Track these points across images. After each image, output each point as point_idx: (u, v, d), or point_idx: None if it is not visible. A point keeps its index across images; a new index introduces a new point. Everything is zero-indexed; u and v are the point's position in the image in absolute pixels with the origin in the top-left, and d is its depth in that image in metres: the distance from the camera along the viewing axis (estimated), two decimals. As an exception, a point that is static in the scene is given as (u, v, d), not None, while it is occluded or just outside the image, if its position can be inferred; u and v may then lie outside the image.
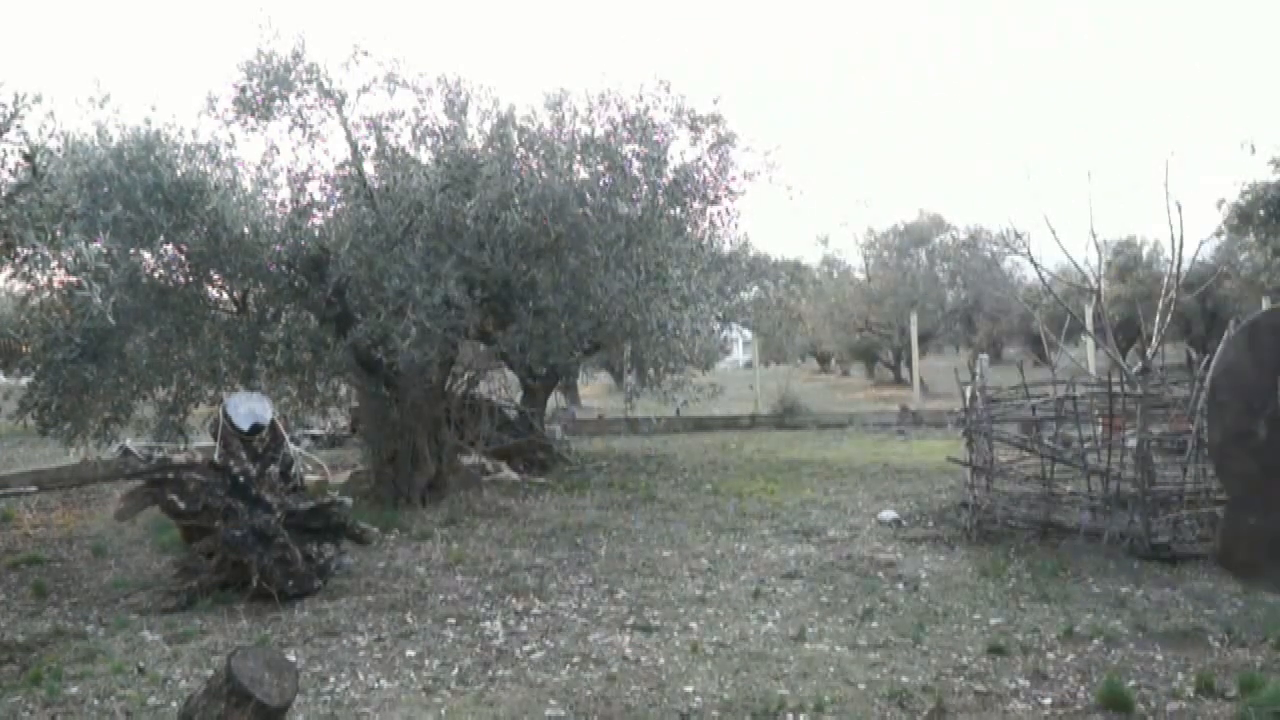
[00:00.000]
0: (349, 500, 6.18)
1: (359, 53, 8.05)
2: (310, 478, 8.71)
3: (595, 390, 26.71)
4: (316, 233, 7.98)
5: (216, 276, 8.11)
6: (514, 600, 5.33)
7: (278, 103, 7.91)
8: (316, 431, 12.81)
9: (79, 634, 4.93)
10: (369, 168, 8.16)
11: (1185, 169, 28.06)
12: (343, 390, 9.63)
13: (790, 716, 3.61)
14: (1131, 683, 3.80)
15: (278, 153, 8.10)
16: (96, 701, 3.93)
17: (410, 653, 4.46)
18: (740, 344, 30.15)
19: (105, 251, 5.92)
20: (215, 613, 5.22)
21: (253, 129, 8.02)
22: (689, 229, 9.30)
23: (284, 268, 7.91)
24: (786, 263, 25.57)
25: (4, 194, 5.06)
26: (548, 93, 8.59)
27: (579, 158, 8.12)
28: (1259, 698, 3.53)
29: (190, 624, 5.00)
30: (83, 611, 5.39)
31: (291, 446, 6.51)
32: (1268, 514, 5.28)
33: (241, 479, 5.70)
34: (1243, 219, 17.04)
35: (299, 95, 7.97)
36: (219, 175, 7.59)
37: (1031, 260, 8.35)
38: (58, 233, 5.18)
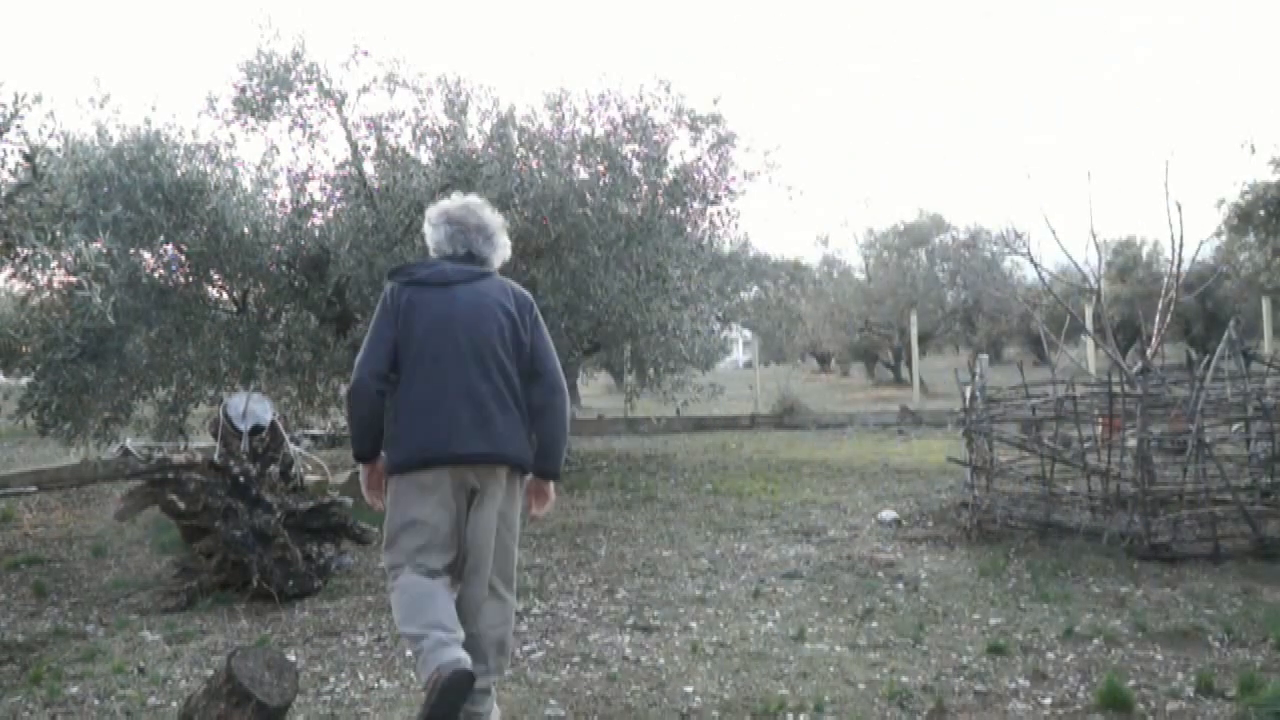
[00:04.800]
0: (349, 500, 6.17)
1: (359, 53, 8.08)
2: (310, 478, 8.69)
3: (595, 390, 26.72)
4: (316, 233, 7.99)
5: (216, 276, 8.12)
6: (514, 600, 5.33)
7: (278, 103, 7.93)
8: (316, 431, 12.80)
9: (79, 634, 4.93)
10: (369, 168, 8.18)
11: (1185, 169, 28.05)
12: (343, 390, 9.64)
13: (790, 716, 3.61)
14: (1131, 683, 3.80)
15: (278, 153, 8.13)
16: (97, 701, 3.93)
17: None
18: (740, 344, 30.20)
19: (105, 251, 5.92)
20: (215, 613, 5.22)
21: (253, 129, 8.04)
22: (689, 229, 9.31)
23: (284, 268, 7.92)
24: (786, 263, 25.69)
25: (4, 194, 5.06)
26: (548, 93, 8.62)
27: (579, 158, 8.14)
28: (1259, 698, 3.52)
29: (190, 624, 5.00)
30: (83, 611, 5.39)
31: (291, 446, 6.50)
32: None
33: (241, 479, 5.70)
34: (1243, 219, 17.06)
35: (299, 95, 7.99)
36: (219, 175, 7.61)
37: (1031, 260, 8.35)
38: (58, 233, 5.18)
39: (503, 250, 3.27)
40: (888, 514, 7.54)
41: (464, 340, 3.01)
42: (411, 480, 3.00)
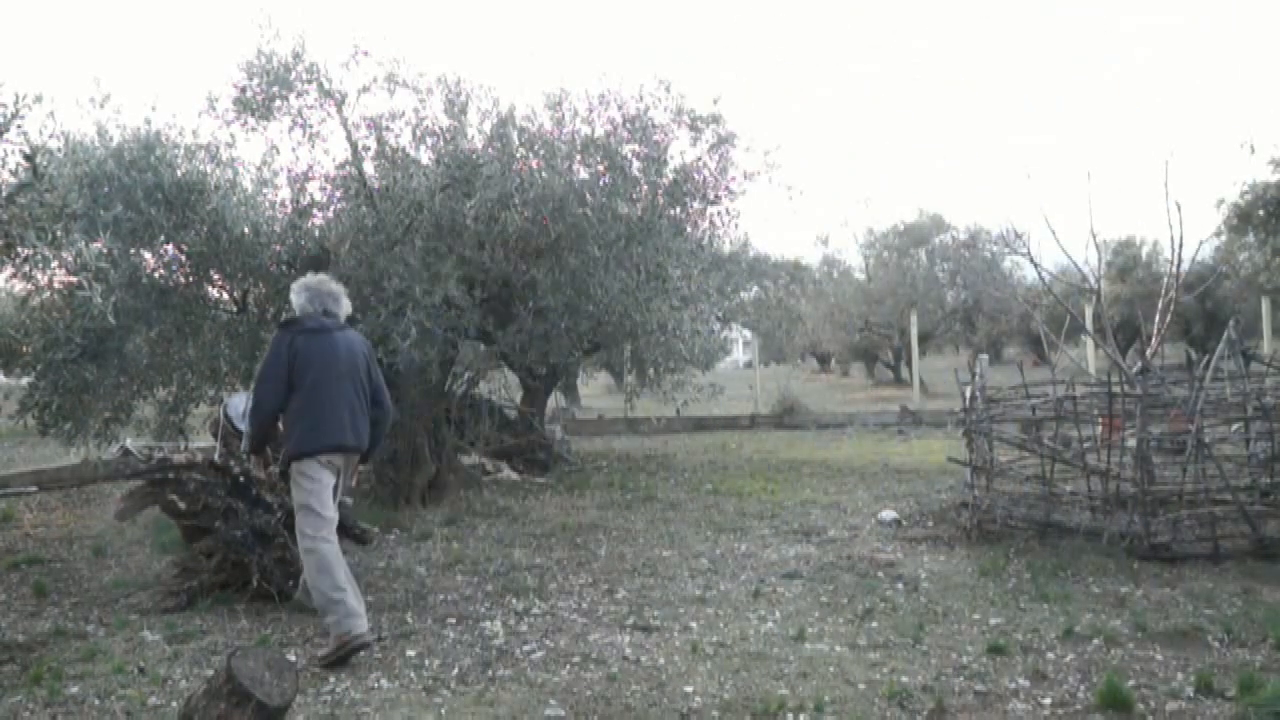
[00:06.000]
0: (349, 500, 6.16)
1: (359, 53, 8.04)
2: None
3: (595, 390, 26.71)
4: (316, 233, 7.97)
5: (217, 276, 8.10)
6: (514, 600, 5.34)
7: (278, 103, 7.90)
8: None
9: (79, 634, 4.93)
10: (369, 168, 8.15)
11: (1185, 169, 28.07)
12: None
13: (790, 716, 3.61)
14: (1131, 683, 3.80)
15: (278, 153, 8.09)
16: (97, 701, 3.93)
17: (410, 653, 4.47)
18: (740, 344, 30.21)
19: (105, 251, 5.91)
20: (215, 613, 5.22)
21: (253, 129, 8.01)
22: (689, 229, 9.29)
23: (284, 268, 7.90)
24: (786, 263, 25.64)
25: (4, 194, 5.05)
26: (548, 93, 8.58)
27: (579, 158, 8.11)
28: (1259, 698, 3.53)
29: (190, 624, 5.00)
30: (83, 611, 5.40)
31: (291, 446, 6.51)
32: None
33: (241, 479, 5.70)
34: (1242, 219, 17.06)
35: (299, 95, 7.97)
36: (219, 175, 7.59)
37: (1031, 260, 8.35)
38: (58, 233, 5.18)
39: (346, 308, 4.96)
40: (888, 514, 7.54)
41: (343, 370, 4.69)
42: (318, 460, 4.61)
